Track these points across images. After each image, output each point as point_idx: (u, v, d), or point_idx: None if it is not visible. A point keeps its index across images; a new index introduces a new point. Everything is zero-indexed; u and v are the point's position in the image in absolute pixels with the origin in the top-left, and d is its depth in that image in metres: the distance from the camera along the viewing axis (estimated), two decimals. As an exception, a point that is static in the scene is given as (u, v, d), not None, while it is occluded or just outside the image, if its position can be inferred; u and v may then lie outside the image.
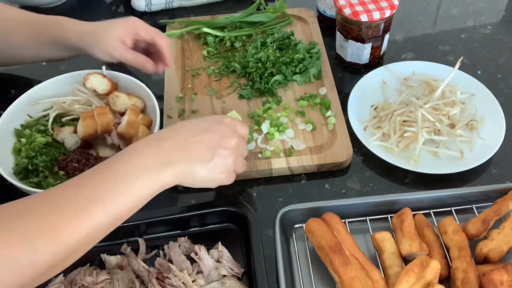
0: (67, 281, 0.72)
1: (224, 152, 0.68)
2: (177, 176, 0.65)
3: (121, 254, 0.76)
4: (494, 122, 0.90)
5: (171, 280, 0.70)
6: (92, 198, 0.58)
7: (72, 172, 0.81)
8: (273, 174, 0.87)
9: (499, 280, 0.66)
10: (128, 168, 0.62)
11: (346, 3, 0.96)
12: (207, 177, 0.68)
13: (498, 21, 1.16)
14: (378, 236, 0.73)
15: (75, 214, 0.56)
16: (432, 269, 0.66)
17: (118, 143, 0.86)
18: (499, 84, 1.01)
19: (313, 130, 0.91)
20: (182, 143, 0.66)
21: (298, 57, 1.00)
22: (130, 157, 0.63)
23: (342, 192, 0.85)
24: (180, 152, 0.65)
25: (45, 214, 0.56)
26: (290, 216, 0.76)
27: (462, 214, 0.78)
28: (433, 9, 1.20)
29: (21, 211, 0.56)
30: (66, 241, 0.56)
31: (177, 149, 0.65)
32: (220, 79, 1.01)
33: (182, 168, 0.65)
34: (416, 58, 1.07)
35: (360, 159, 0.89)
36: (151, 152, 0.64)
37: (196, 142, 0.67)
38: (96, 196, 0.58)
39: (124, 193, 0.60)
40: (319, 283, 0.73)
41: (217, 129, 0.69)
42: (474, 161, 0.84)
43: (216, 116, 0.74)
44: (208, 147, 0.67)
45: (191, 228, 0.79)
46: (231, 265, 0.73)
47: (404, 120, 0.89)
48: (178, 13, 1.19)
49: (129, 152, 0.64)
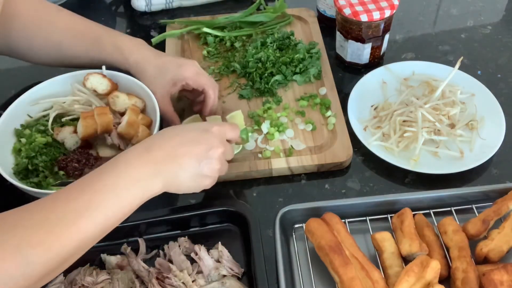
0: (67, 281, 0.72)
1: (210, 162, 0.69)
2: (164, 184, 0.66)
3: (121, 254, 0.76)
4: (494, 122, 0.90)
5: (171, 280, 0.70)
6: (82, 211, 0.59)
7: (72, 172, 0.81)
8: (273, 174, 0.87)
9: (499, 280, 0.66)
10: (119, 181, 0.63)
11: (346, 3, 0.96)
12: (193, 186, 0.70)
13: (498, 21, 1.16)
14: (378, 236, 0.73)
15: (65, 226, 0.57)
16: (432, 269, 0.66)
17: (118, 143, 0.86)
18: (499, 84, 1.01)
19: (313, 130, 0.91)
20: (171, 153, 0.67)
21: (298, 57, 1.00)
22: (120, 169, 0.64)
23: (342, 192, 0.85)
24: (168, 162, 0.66)
25: (37, 227, 0.56)
26: (290, 216, 0.76)
27: (462, 214, 0.78)
28: (433, 9, 1.20)
29: (12, 223, 0.57)
30: (57, 253, 0.57)
31: (166, 160, 0.66)
32: (220, 79, 1.01)
33: (170, 178, 0.66)
34: (416, 58, 1.07)
35: (360, 159, 0.89)
36: (141, 164, 0.65)
37: (185, 153, 0.68)
38: (86, 209, 0.59)
39: (114, 205, 0.61)
40: (319, 283, 0.73)
41: (205, 140, 0.70)
42: (474, 161, 0.84)
43: (204, 124, 0.74)
44: (195, 158, 0.68)
45: (191, 228, 0.79)
46: (231, 265, 0.73)
47: (404, 120, 0.89)
48: (178, 13, 1.18)
49: (119, 163, 0.65)
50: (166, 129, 0.72)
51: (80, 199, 0.60)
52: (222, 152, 0.71)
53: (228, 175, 0.85)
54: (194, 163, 0.68)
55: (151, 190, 0.65)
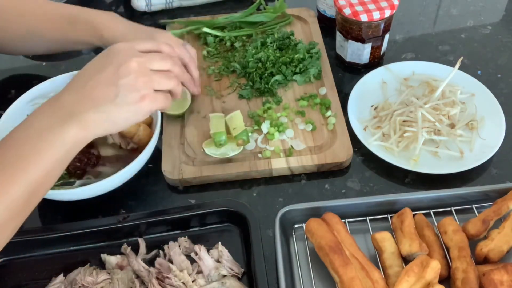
0: (67, 281, 0.72)
1: (126, 79, 0.62)
2: (88, 127, 0.61)
3: (121, 254, 0.76)
4: (494, 122, 0.90)
5: (171, 280, 0.70)
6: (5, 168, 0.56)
7: (74, 171, 0.81)
8: (273, 174, 0.87)
9: (499, 280, 0.66)
10: (31, 131, 0.59)
11: (346, 3, 0.96)
12: (125, 113, 0.63)
13: (498, 21, 1.16)
14: (378, 236, 0.73)
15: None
16: (432, 269, 0.66)
17: (119, 142, 0.86)
18: (499, 84, 1.01)
19: (313, 130, 0.91)
20: (81, 92, 0.61)
21: (298, 57, 1.00)
22: (32, 121, 0.60)
23: (342, 192, 0.85)
24: (81, 101, 0.61)
25: None
26: (290, 216, 0.76)
27: (462, 214, 0.78)
28: (433, 9, 1.20)
29: None
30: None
31: (78, 100, 0.61)
32: (220, 79, 1.01)
33: (89, 117, 0.61)
34: (416, 58, 1.07)
35: (360, 159, 0.89)
36: (52, 111, 0.61)
37: (94, 85, 0.62)
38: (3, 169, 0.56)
39: (33, 157, 0.58)
40: (319, 283, 0.73)
41: (110, 61, 0.63)
42: (474, 161, 0.84)
43: (106, 49, 0.67)
44: (107, 84, 0.62)
45: (191, 228, 0.79)
46: (231, 265, 0.73)
47: (404, 120, 0.89)
48: (178, 13, 1.18)
49: (30, 116, 0.62)
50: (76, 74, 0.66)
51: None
52: (136, 63, 0.63)
53: (228, 175, 0.85)
54: (107, 89, 0.62)
55: (69, 135, 0.60)
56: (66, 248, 0.77)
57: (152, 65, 0.66)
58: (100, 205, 0.83)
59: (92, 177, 0.84)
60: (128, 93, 0.62)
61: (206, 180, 0.86)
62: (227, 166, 0.86)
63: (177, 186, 0.86)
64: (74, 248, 0.77)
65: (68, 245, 0.77)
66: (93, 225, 0.76)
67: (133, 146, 0.86)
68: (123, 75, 0.62)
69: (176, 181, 0.85)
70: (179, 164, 0.86)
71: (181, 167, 0.85)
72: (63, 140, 0.60)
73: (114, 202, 0.84)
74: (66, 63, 1.07)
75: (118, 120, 0.63)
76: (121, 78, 0.62)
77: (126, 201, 0.85)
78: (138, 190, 0.86)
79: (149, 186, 0.87)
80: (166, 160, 0.86)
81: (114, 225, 0.76)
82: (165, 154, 0.87)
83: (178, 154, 0.87)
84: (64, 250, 0.77)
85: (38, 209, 0.84)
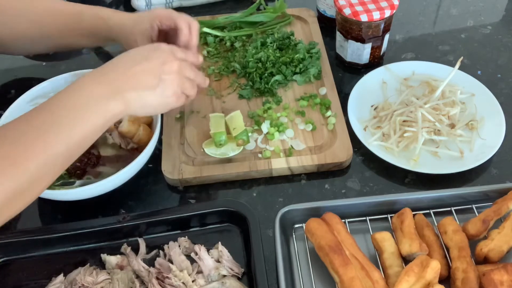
0: (67, 281, 0.72)
1: (168, 76, 0.71)
2: (126, 105, 0.67)
3: (121, 254, 0.76)
4: (494, 122, 0.90)
5: (171, 280, 0.70)
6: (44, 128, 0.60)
7: (74, 171, 0.81)
8: (273, 174, 0.87)
9: (499, 280, 0.66)
10: (77, 100, 0.64)
11: (346, 3, 0.96)
12: (157, 103, 0.71)
13: (498, 21, 1.16)
14: (378, 236, 0.73)
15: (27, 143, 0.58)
16: (432, 269, 0.66)
17: (119, 142, 0.86)
18: (499, 84, 1.01)
19: (313, 130, 0.91)
20: (126, 73, 0.68)
21: (298, 57, 1.00)
22: (77, 91, 0.65)
23: (342, 192, 0.85)
24: (126, 81, 0.67)
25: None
26: (290, 216, 0.76)
27: (462, 214, 0.78)
28: (433, 9, 1.20)
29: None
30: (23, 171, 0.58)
31: (123, 79, 0.67)
32: (220, 79, 1.01)
33: (131, 96, 0.67)
34: (416, 58, 1.07)
35: (360, 159, 0.89)
36: (98, 85, 0.66)
37: (140, 70, 0.69)
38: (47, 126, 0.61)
39: (76, 122, 0.63)
40: (319, 283, 0.73)
41: (157, 56, 0.71)
42: (474, 161, 0.84)
43: (151, 45, 0.75)
44: (152, 74, 0.69)
45: (191, 228, 0.79)
46: (231, 265, 0.73)
47: (404, 120, 0.89)
48: (178, 13, 1.18)
49: (75, 87, 0.66)
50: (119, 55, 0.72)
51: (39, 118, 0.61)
52: (177, 65, 0.72)
53: (228, 175, 0.85)
54: (152, 78, 0.69)
55: (112, 109, 0.66)
56: (66, 248, 0.77)
57: (186, 72, 0.75)
58: (100, 205, 0.83)
59: (92, 177, 0.84)
60: (166, 87, 0.71)
61: (206, 180, 0.86)
62: (227, 166, 0.86)
63: (177, 186, 0.86)
64: (74, 248, 0.77)
65: (68, 245, 0.77)
66: (93, 225, 0.76)
67: (133, 146, 0.86)
68: (167, 71, 0.71)
69: (176, 181, 0.85)
70: (179, 164, 0.86)
71: (181, 167, 0.85)
72: (107, 111, 0.65)
73: (114, 202, 0.84)
74: (66, 63, 1.07)
75: (148, 105, 0.71)
76: (165, 74, 0.70)
77: (126, 201, 0.85)
78: (138, 190, 0.86)
79: (149, 186, 0.87)
80: (166, 160, 0.86)
81: (114, 225, 0.76)
82: (165, 154, 0.87)
83: (178, 154, 0.87)
84: (64, 250, 0.77)
85: (38, 209, 0.84)
